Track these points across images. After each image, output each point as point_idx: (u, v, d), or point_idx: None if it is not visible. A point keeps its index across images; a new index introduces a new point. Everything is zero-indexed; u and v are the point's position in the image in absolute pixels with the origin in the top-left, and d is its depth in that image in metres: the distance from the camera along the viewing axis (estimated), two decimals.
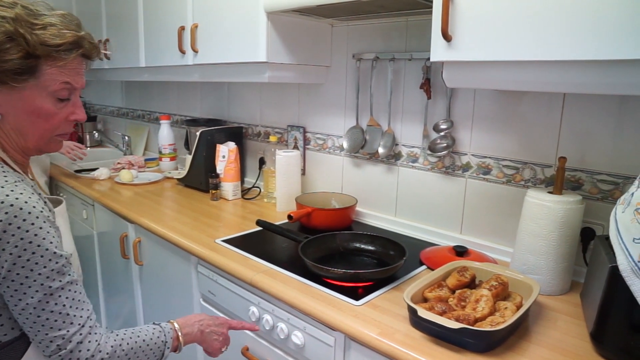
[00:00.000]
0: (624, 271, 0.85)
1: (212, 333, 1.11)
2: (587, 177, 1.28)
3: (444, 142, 1.54)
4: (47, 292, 0.82)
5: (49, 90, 0.86)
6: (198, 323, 1.09)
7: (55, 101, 0.88)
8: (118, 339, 0.91)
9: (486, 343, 0.95)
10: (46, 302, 0.82)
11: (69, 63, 0.87)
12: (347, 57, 1.82)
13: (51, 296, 0.82)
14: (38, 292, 0.81)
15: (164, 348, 0.99)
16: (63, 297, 0.84)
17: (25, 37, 0.80)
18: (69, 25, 0.86)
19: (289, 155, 1.91)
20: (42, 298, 0.81)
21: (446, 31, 1.08)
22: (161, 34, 2.10)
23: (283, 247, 1.56)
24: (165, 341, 0.99)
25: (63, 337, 0.83)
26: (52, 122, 0.89)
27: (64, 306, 0.84)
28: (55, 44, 0.83)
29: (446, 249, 1.43)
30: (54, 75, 0.86)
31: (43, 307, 0.82)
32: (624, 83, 0.90)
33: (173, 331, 1.03)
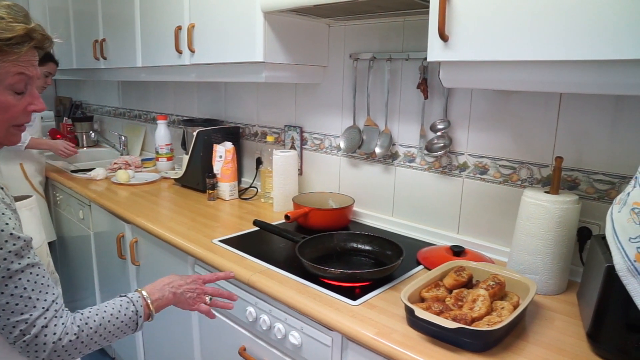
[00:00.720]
0: (620, 271, 0.85)
1: (186, 292, 1.08)
2: (583, 176, 1.28)
3: (441, 142, 1.54)
4: (5, 274, 0.79)
5: (5, 83, 0.85)
6: (168, 286, 1.06)
7: (12, 94, 0.87)
8: (84, 318, 0.89)
9: (483, 343, 0.96)
10: (5, 284, 0.79)
11: (22, 55, 0.85)
12: (344, 57, 1.82)
13: (10, 279, 0.80)
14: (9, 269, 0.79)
15: (136, 318, 0.96)
16: (24, 280, 0.81)
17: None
18: (17, 18, 0.84)
19: (286, 155, 1.91)
20: (0, 281, 0.79)
21: (443, 31, 1.08)
22: (158, 33, 2.10)
23: (280, 247, 1.56)
24: (136, 310, 0.96)
25: (26, 322, 0.81)
26: (10, 114, 0.88)
27: (25, 289, 0.81)
28: (6, 37, 0.81)
29: (443, 248, 1.43)
30: (8, 68, 0.84)
31: (2, 290, 0.79)
32: (620, 83, 0.90)
33: (142, 299, 1.00)
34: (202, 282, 1.14)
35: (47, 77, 2.60)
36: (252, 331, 1.39)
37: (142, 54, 2.26)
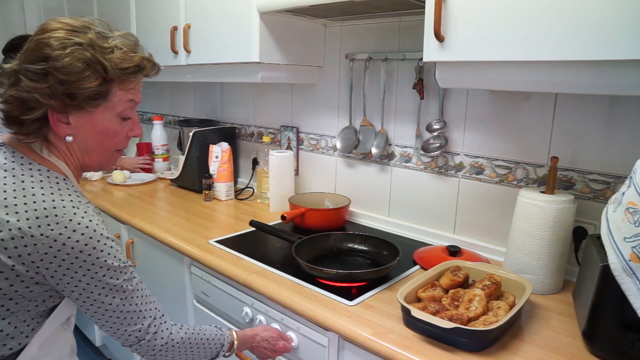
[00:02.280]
0: (615, 270, 0.85)
1: (261, 346, 1.16)
2: (579, 176, 1.29)
3: (437, 142, 1.54)
4: (122, 296, 0.89)
5: (117, 111, 0.89)
6: (252, 339, 1.15)
7: (120, 120, 0.91)
8: (188, 332, 1.02)
9: (479, 342, 0.96)
10: (122, 305, 0.89)
11: (134, 83, 0.90)
12: (340, 58, 1.82)
13: (125, 299, 0.90)
14: (115, 298, 0.88)
15: (220, 350, 1.08)
16: (135, 298, 0.91)
17: (103, 64, 0.82)
18: (133, 48, 0.88)
19: (282, 155, 1.91)
20: (119, 302, 0.89)
21: (439, 31, 1.08)
22: (154, 34, 2.09)
23: (276, 247, 1.56)
24: (223, 344, 1.08)
25: (140, 330, 0.93)
26: (116, 140, 0.93)
27: (137, 305, 0.92)
28: (124, 67, 0.85)
29: (439, 248, 1.44)
30: (122, 96, 0.88)
31: (121, 309, 0.89)
32: (614, 83, 0.90)
33: (231, 339, 1.11)
34: (279, 338, 1.19)
35: None
36: None
37: None
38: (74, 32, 0.82)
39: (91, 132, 0.88)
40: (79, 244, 0.81)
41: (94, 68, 0.82)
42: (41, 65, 0.79)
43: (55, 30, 0.81)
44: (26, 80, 0.79)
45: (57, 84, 0.80)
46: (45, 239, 0.79)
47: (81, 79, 0.81)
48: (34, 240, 0.78)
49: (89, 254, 0.82)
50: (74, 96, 0.82)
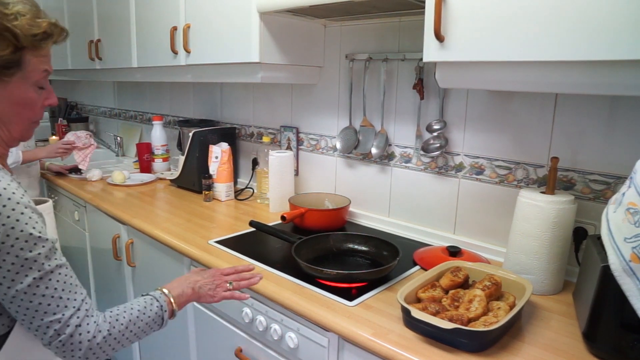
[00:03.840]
0: (615, 270, 0.85)
1: (204, 286, 1.08)
2: (579, 177, 1.29)
3: (437, 142, 1.54)
4: (36, 275, 0.79)
5: (33, 80, 0.86)
6: (186, 282, 1.07)
7: (36, 89, 0.88)
8: (113, 315, 0.90)
9: (479, 343, 0.96)
10: (36, 286, 0.80)
11: (46, 50, 0.87)
12: (340, 58, 1.82)
13: (41, 280, 0.80)
14: (27, 276, 0.79)
15: (162, 313, 0.97)
16: (54, 281, 0.82)
17: (12, 31, 0.79)
18: (37, 13, 0.84)
19: (282, 155, 1.91)
20: (31, 282, 0.79)
21: (439, 32, 1.08)
22: (153, 34, 2.09)
23: (276, 248, 1.55)
24: (161, 305, 0.98)
25: (59, 321, 0.82)
26: (34, 110, 0.90)
27: (56, 289, 0.82)
28: (34, 33, 0.82)
29: (439, 249, 1.43)
30: (36, 65, 0.86)
31: (34, 291, 0.80)
32: (615, 83, 0.90)
33: (164, 296, 1.00)
34: (221, 274, 1.14)
35: None
36: (249, 332, 1.39)
37: (138, 54, 2.25)
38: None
39: (8, 103, 0.85)
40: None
41: (2, 35, 0.79)
42: None
43: None
44: None
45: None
46: None
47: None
48: None
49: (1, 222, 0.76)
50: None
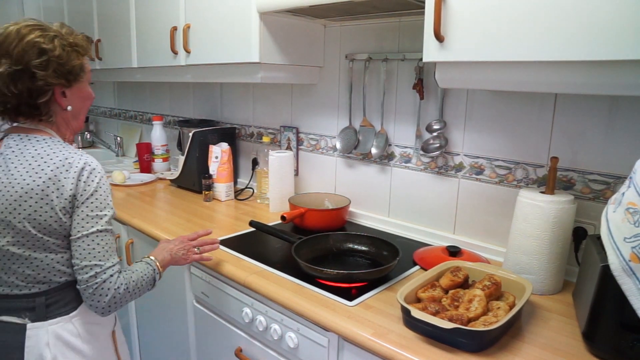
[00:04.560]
0: (615, 270, 0.85)
1: (178, 251, 1.31)
2: (578, 177, 1.29)
3: (437, 142, 1.54)
4: (99, 228, 1.05)
5: (88, 77, 1.16)
6: (164, 250, 1.28)
7: (88, 86, 1.17)
8: (127, 275, 1.11)
9: (479, 343, 0.96)
10: (96, 235, 1.04)
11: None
12: (339, 58, 1.82)
13: (100, 232, 1.05)
14: (93, 227, 1.04)
15: (155, 275, 1.19)
16: (106, 239, 1.06)
17: (77, 44, 1.09)
18: (72, 30, 1.12)
19: (282, 155, 1.91)
20: (94, 232, 1.04)
21: (438, 32, 1.08)
22: (153, 34, 2.09)
23: (276, 248, 1.56)
24: (154, 269, 1.19)
25: (100, 267, 1.04)
26: (91, 101, 1.19)
27: (106, 244, 1.06)
28: (85, 44, 1.13)
29: (439, 249, 1.43)
30: (88, 66, 1.15)
31: (92, 239, 1.04)
32: (615, 83, 0.90)
33: (154, 262, 1.22)
34: (188, 240, 1.37)
35: None
36: (249, 332, 1.39)
37: (138, 54, 2.25)
38: (43, 29, 1.04)
39: (80, 99, 1.14)
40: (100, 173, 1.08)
41: (73, 49, 1.08)
42: (44, 58, 1.02)
43: (30, 32, 1.02)
44: (39, 72, 1.01)
45: (58, 66, 1.04)
46: None
47: (71, 57, 1.07)
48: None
49: (102, 181, 1.07)
50: (71, 70, 1.07)
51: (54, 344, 1.05)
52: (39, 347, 1.03)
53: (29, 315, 1.04)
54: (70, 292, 1.09)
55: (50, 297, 1.06)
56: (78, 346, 1.09)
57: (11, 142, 1.06)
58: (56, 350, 1.05)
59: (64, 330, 1.07)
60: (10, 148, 1.05)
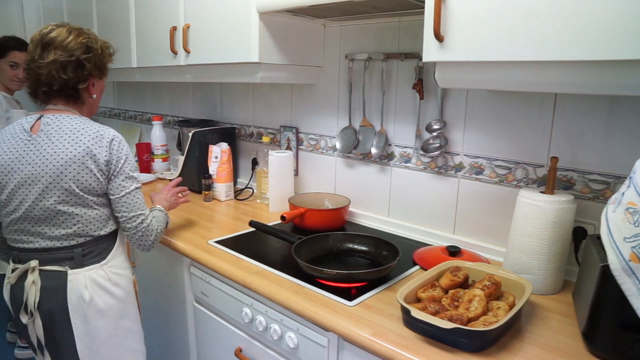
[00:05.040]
0: (615, 270, 0.85)
1: (170, 199, 1.64)
2: (578, 176, 1.29)
3: (437, 142, 1.54)
4: (135, 186, 1.34)
5: (107, 75, 1.43)
6: (164, 200, 1.60)
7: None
8: (157, 220, 1.43)
9: (479, 343, 0.96)
10: (135, 191, 1.33)
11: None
12: (339, 58, 1.82)
13: (137, 189, 1.34)
14: (132, 185, 1.32)
15: (167, 219, 1.52)
16: (140, 193, 1.36)
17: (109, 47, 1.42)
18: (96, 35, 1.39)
19: (281, 155, 1.91)
20: (133, 189, 1.33)
21: (438, 32, 1.08)
22: (153, 34, 2.09)
23: (276, 248, 1.56)
24: (165, 214, 1.52)
25: (143, 214, 1.35)
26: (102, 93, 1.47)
27: (141, 198, 1.35)
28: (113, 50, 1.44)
29: (439, 249, 1.43)
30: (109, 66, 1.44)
31: (133, 195, 1.33)
32: (614, 83, 0.90)
33: (164, 210, 1.53)
34: (172, 187, 1.71)
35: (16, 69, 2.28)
36: (248, 332, 1.39)
37: (137, 54, 2.25)
38: (86, 33, 1.34)
39: (100, 90, 1.42)
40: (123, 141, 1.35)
41: (107, 51, 1.40)
42: (90, 54, 1.32)
43: (79, 35, 1.31)
44: (87, 64, 1.31)
45: (97, 62, 1.35)
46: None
47: (105, 56, 1.39)
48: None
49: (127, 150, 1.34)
50: (104, 66, 1.39)
51: (91, 285, 1.28)
52: (79, 289, 1.26)
53: (69, 264, 1.27)
54: (100, 244, 1.33)
55: (86, 248, 1.29)
56: (109, 288, 1.31)
57: (49, 120, 1.28)
58: (92, 291, 1.28)
59: (97, 275, 1.30)
60: (49, 125, 1.27)
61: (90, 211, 1.28)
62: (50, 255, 1.26)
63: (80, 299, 1.26)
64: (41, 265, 1.26)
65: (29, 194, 1.23)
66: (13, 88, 2.39)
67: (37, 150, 1.24)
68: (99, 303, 1.29)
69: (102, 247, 1.33)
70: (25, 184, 1.23)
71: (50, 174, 1.22)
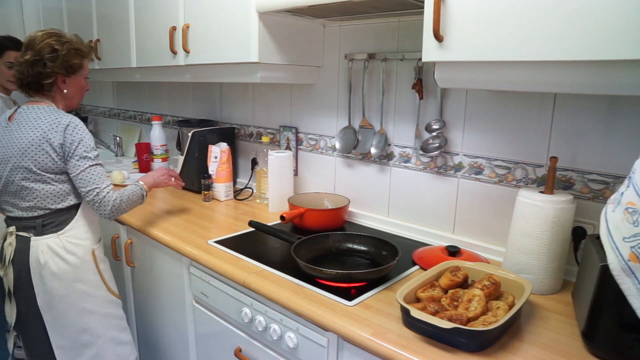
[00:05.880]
0: (614, 270, 0.85)
1: (160, 177, 1.79)
2: (578, 176, 1.29)
3: (436, 142, 1.54)
4: (89, 164, 1.49)
5: (85, 74, 1.63)
6: (149, 176, 1.75)
7: (85, 80, 1.65)
8: (120, 193, 1.56)
9: (479, 343, 0.96)
10: (89, 170, 1.49)
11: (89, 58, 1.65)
12: (339, 58, 1.82)
13: (90, 167, 1.49)
14: (85, 165, 1.48)
15: (143, 192, 1.65)
16: (97, 170, 1.51)
17: (80, 49, 1.57)
18: (82, 40, 1.62)
19: (281, 155, 1.91)
20: (86, 168, 1.48)
21: (438, 31, 1.08)
22: (152, 34, 2.09)
23: (275, 248, 1.56)
24: (141, 187, 1.65)
25: (98, 187, 1.50)
26: (84, 91, 1.66)
27: (99, 173, 1.51)
28: (87, 50, 1.61)
29: (439, 248, 1.44)
30: (87, 66, 1.63)
31: (87, 173, 1.48)
32: (614, 83, 0.90)
33: (142, 184, 1.66)
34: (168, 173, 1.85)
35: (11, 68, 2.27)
36: (248, 332, 1.39)
37: (137, 54, 2.25)
38: (59, 36, 1.54)
39: (75, 87, 1.61)
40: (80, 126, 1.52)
41: (77, 52, 1.56)
42: (54, 54, 1.50)
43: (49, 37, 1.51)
44: (49, 63, 1.49)
45: (63, 62, 1.51)
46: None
47: (72, 58, 1.54)
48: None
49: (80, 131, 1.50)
50: (71, 67, 1.55)
51: (46, 251, 1.50)
52: (37, 253, 1.49)
53: (32, 232, 1.51)
54: (60, 216, 1.53)
55: (45, 219, 1.52)
56: (62, 254, 1.51)
57: (22, 110, 1.53)
58: (47, 256, 1.49)
59: (53, 243, 1.51)
60: (21, 115, 1.52)
61: (48, 186, 1.50)
62: (21, 224, 1.52)
63: (38, 262, 1.49)
64: (17, 230, 1.52)
65: (4, 171, 1.50)
66: (10, 88, 2.39)
67: (10, 135, 1.50)
68: (52, 267, 1.49)
69: (61, 219, 1.54)
70: (1, 163, 1.50)
71: (16, 155, 1.47)
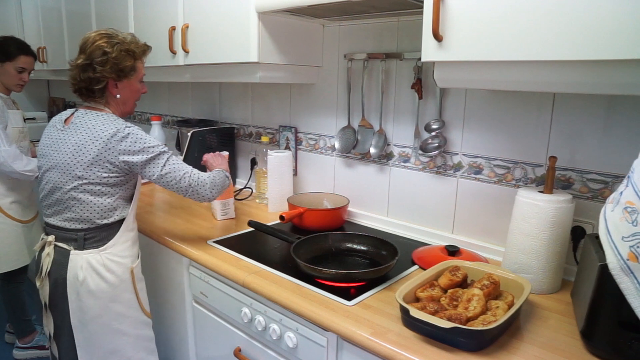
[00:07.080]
0: (613, 269, 0.85)
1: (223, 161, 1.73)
2: (577, 176, 1.29)
3: (436, 142, 1.55)
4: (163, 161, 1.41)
5: (139, 77, 1.50)
6: (222, 165, 1.69)
7: (140, 83, 1.52)
8: (207, 175, 1.51)
9: (478, 342, 0.96)
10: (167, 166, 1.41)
11: (145, 59, 1.52)
12: (338, 57, 1.82)
13: (164, 167, 1.41)
14: (160, 163, 1.41)
15: (225, 174, 1.59)
16: (170, 162, 1.43)
17: (131, 50, 1.43)
18: (137, 40, 1.48)
19: (280, 155, 1.91)
20: (163, 166, 1.41)
21: (437, 31, 1.08)
22: (152, 34, 2.09)
23: (275, 247, 1.56)
24: (222, 171, 1.59)
25: (186, 172, 1.45)
26: (138, 95, 1.53)
27: (174, 165, 1.43)
28: (141, 50, 1.48)
29: (438, 248, 1.44)
30: (141, 69, 1.50)
31: (164, 173, 1.41)
32: (613, 83, 0.90)
33: (222, 170, 1.60)
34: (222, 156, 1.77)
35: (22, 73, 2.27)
36: (248, 332, 1.39)
37: None
38: (110, 37, 1.41)
39: (128, 91, 1.48)
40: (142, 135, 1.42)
41: (128, 54, 1.42)
42: (104, 57, 1.38)
43: (100, 38, 1.39)
44: (98, 67, 1.38)
45: (113, 65, 1.39)
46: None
47: (123, 60, 1.41)
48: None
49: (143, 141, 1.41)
50: (122, 70, 1.42)
51: (86, 267, 1.39)
52: (75, 269, 1.39)
53: (72, 244, 1.41)
54: (101, 233, 1.43)
55: (88, 233, 1.41)
56: (102, 272, 1.41)
57: (79, 114, 1.43)
58: (86, 273, 1.39)
59: (93, 259, 1.40)
60: (78, 119, 1.42)
61: (97, 199, 1.39)
62: (62, 234, 1.43)
63: (76, 278, 1.39)
64: (56, 240, 1.43)
65: (52, 177, 1.40)
66: (16, 91, 2.37)
67: (65, 140, 1.40)
68: (90, 284, 1.40)
69: (103, 234, 1.43)
70: (52, 169, 1.40)
71: (69, 162, 1.37)
